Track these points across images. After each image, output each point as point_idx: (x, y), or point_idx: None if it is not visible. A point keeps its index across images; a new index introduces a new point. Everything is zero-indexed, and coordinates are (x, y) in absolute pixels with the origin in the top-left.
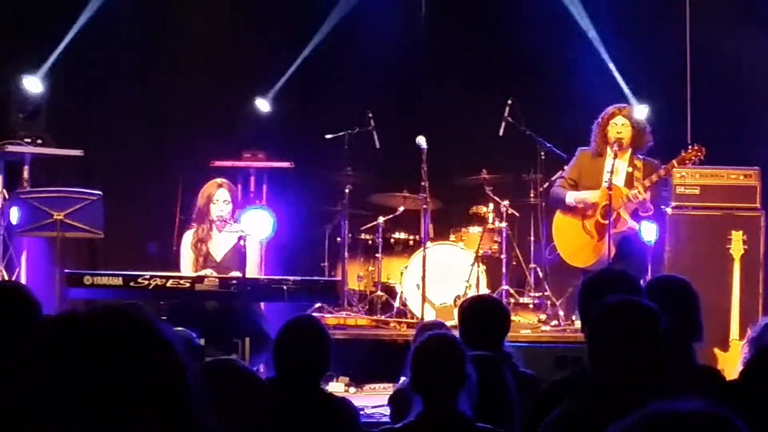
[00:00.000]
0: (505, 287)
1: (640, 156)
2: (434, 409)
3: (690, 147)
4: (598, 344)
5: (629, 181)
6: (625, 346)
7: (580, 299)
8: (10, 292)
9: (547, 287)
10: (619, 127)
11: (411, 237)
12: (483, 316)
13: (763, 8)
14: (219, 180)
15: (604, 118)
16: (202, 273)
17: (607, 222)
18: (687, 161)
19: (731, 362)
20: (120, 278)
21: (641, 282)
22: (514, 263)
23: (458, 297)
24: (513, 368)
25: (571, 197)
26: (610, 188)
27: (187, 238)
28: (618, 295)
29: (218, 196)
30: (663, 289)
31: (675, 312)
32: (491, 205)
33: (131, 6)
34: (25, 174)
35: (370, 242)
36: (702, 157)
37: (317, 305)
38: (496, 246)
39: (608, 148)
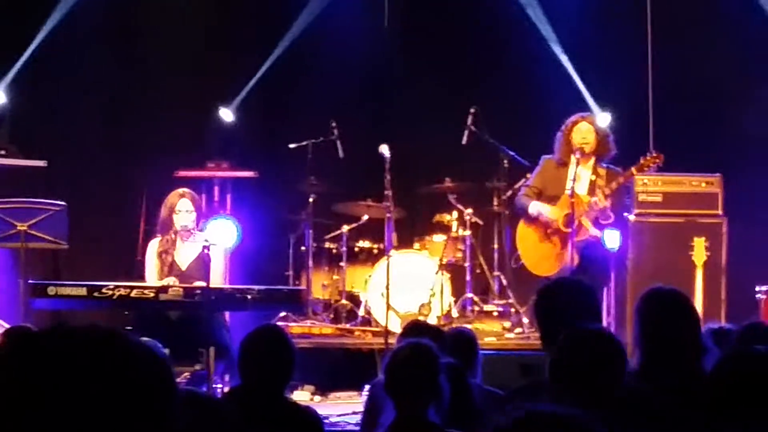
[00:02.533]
0: (469, 295)
1: (603, 164)
2: (406, 417)
3: (649, 154)
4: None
5: (592, 190)
6: (588, 377)
7: (537, 309)
8: None
9: (510, 295)
10: (584, 133)
11: (375, 246)
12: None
13: (724, 14)
14: (181, 190)
15: (568, 126)
16: (165, 281)
17: (569, 230)
18: (646, 168)
19: None
20: (84, 288)
21: (604, 290)
22: (478, 271)
23: (423, 305)
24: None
25: (534, 208)
26: (572, 196)
27: (153, 247)
28: (585, 324)
29: (180, 206)
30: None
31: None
32: (455, 214)
33: (94, 17)
34: None
35: (334, 251)
36: (660, 164)
37: (282, 314)
38: (459, 254)
39: (572, 156)
